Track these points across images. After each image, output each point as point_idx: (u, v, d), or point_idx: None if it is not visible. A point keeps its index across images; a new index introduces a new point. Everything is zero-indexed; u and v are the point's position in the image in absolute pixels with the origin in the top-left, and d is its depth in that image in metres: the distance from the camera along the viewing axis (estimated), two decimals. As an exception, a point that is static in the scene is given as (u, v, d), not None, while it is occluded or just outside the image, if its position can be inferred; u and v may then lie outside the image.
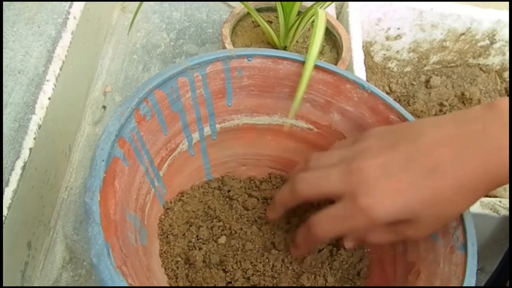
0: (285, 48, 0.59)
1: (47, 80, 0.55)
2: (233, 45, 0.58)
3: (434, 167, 0.36)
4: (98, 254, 0.31)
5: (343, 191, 0.37)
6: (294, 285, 0.45)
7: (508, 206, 0.60)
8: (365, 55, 0.69)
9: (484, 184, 0.35)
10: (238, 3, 0.60)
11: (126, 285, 0.31)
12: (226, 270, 0.45)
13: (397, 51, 0.82)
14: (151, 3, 0.81)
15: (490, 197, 0.61)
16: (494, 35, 0.80)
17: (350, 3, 0.73)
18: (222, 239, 0.47)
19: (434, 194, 0.36)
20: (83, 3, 0.64)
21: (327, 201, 0.39)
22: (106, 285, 0.30)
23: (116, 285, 0.30)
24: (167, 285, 0.43)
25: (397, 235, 0.39)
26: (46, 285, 0.54)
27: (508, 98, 0.36)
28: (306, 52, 0.61)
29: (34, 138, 0.51)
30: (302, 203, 0.44)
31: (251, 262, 0.45)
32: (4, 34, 0.58)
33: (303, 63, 0.46)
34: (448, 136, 0.36)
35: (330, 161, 0.40)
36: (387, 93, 0.80)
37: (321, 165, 0.40)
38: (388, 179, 0.36)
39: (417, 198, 0.36)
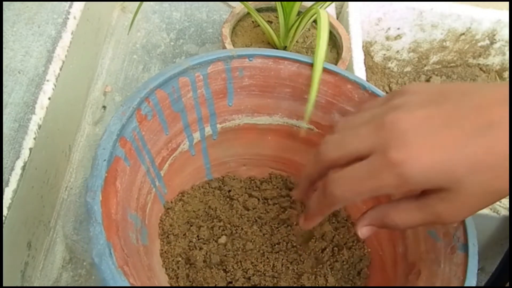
0: (285, 48, 0.59)
1: (47, 80, 0.55)
2: (233, 45, 0.58)
3: (489, 125, 0.29)
4: (100, 254, 0.31)
5: (373, 147, 0.31)
6: (294, 285, 0.45)
7: (508, 206, 0.60)
8: (365, 55, 0.69)
9: None
10: (238, 3, 0.60)
11: (128, 285, 0.31)
12: (227, 270, 0.45)
13: (397, 51, 0.82)
14: (151, 3, 0.81)
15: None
16: (494, 35, 0.80)
17: (350, 3, 0.73)
18: (223, 239, 0.47)
19: (485, 154, 0.29)
20: (83, 3, 0.64)
21: None
22: (107, 285, 0.30)
23: (118, 285, 0.30)
24: (168, 285, 0.43)
25: (426, 213, 0.32)
26: (46, 285, 0.54)
27: None
28: (306, 52, 0.61)
29: (34, 138, 0.51)
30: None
31: (252, 262, 0.45)
32: (4, 34, 0.58)
33: (304, 63, 0.46)
34: (506, 96, 0.30)
35: (360, 120, 0.34)
36: (387, 93, 0.79)
37: (350, 126, 0.34)
38: (429, 133, 0.30)
39: (463, 156, 0.29)
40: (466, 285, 0.36)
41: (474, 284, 0.36)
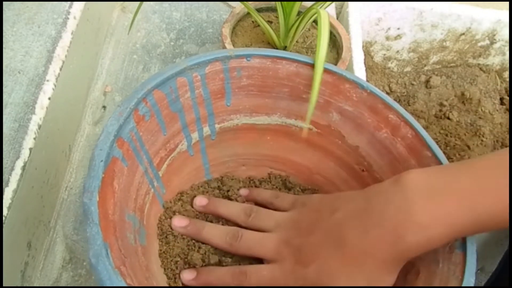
0: (285, 48, 0.59)
1: (47, 80, 0.55)
2: (233, 45, 0.58)
3: (342, 241, 0.38)
4: (97, 255, 0.31)
5: (274, 258, 0.42)
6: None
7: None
8: (365, 55, 0.69)
9: (391, 255, 0.37)
10: (238, 3, 0.60)
11: (125, 285, 0.31)
12: (225, 270, 0.45)
13: (397, 51, 0.82)
14: (151, 3, 0.81)
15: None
16: (494, 35, 0.80)
17: (350, 3, 0.73)
18: (221, 239, 0.47)
19: (343, 264, 0.38)
20: (83, 3, 0.64)
21: None
22: (104, 285, 0.31)
23: (114, 285, 0.31)
24: (166, 285, 0.43)
25: None
26: (46, 285, 0.54)
27: (414, 171, 0.38)
28: (306, 52, 0.61)
29: (34, 138, 0.51)
30: None
31: (250, 262, 0.45)
32: (4, 34, 0.58)
33: (302, 62, 0.46)
34: (357, 210, 0.39)
35: (268, 223, 0.44)
36: (387, 93, 0.79)
37: (261, 225, 0.45)
38: (313, 251, 0.40)
39: (331, 268, 0.39)
40: (464, 284, 0.36)
41: (472, 283, 0.36)
